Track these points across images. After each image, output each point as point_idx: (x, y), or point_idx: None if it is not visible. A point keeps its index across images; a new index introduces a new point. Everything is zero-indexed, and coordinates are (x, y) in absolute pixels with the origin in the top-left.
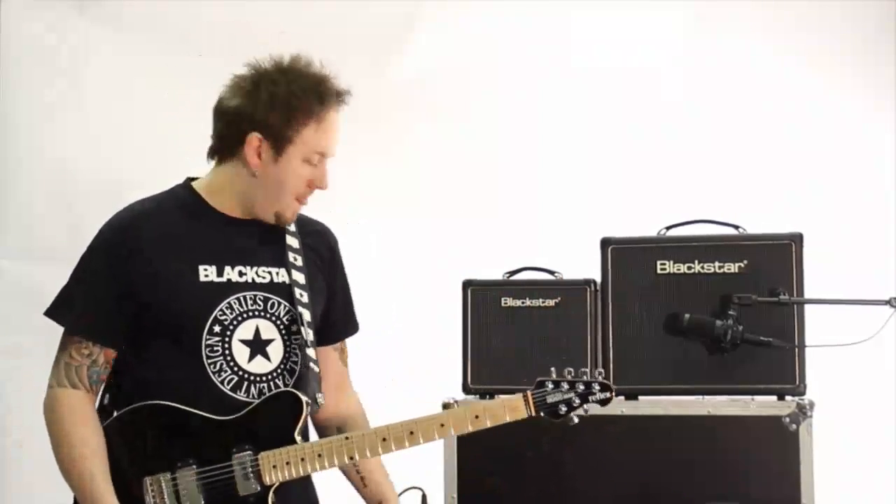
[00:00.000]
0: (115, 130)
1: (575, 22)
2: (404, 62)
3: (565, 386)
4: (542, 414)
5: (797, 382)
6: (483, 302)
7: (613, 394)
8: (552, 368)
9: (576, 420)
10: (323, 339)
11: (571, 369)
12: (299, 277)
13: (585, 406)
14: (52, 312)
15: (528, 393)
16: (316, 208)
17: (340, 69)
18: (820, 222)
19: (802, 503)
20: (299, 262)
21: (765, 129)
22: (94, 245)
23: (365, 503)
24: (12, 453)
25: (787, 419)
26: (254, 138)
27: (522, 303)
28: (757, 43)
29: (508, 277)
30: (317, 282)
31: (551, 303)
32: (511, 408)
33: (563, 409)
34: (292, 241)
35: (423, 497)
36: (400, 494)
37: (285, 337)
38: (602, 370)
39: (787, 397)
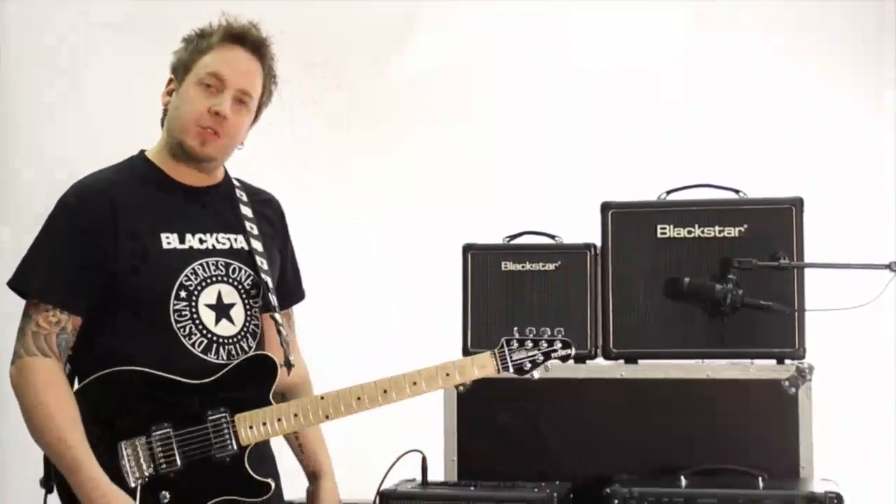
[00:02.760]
0: (115, 130)
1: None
2: (404, 62)
3: (529, 344)
4: (508, 370)
5: (797, 346)
6: (483, 266)
7: (573, 350)
8: (515, 328)
9: (536, 376)
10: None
11: (533, 328)
12: (257, 245)
13: (548, 362)
14: (16, 281)
15: (496, 351)
16: (314, 203)
17: (340, 69)
18: (820, 187)
19: (801, 466)
20: (255, 231)
21: (766, 94)
22: (57, 214)
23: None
24: (12, 454)
25: (787, 383)
26: (168, 80)
27: (522, 267)
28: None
29: (508, 241)
30: (272, 249)
31: (551, 267)
32: (480, 364)
33: (528, 365)
34: (246, 210)
35: (423, 460)
36: (399, 458)
37: (246, 301)
38: (561, 329)
39: (787, 361)
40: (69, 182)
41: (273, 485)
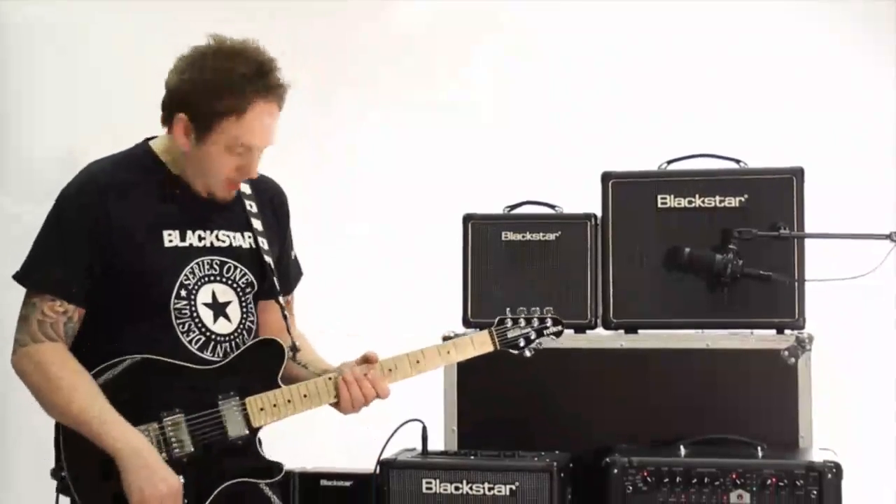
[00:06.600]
0: (123, 108)
1: None
2: (401, 29)
3: (522, 322)
4: (504, 347)
5: (796, 316)
6: (484, 236)
7: (563, 328)
8: (507, 308)
9: (528, 353)
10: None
11: (524, 308)
12: (263, 242)
13: (540, 339)
14: (23, 275)
15: (492, 329)
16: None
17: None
18: (821, 157)
19: (800, 435)
20: (260, 227)
21: (766, 63)
22: (63, 207)
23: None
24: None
25: (786, 353)
26: (181, 118)
27: (523, 237)
28: None
29: (509, 211)
30: (275, 240)
31: (552, 237)
32: (479, 343)
33: (522, 342)
34: (250, 205)
35: (424, 429)
36: (399, 427)
37: (241, 298)
38: (551, 308)
39: (787, 331)
40: (77, 159)
41: (284, 466)
